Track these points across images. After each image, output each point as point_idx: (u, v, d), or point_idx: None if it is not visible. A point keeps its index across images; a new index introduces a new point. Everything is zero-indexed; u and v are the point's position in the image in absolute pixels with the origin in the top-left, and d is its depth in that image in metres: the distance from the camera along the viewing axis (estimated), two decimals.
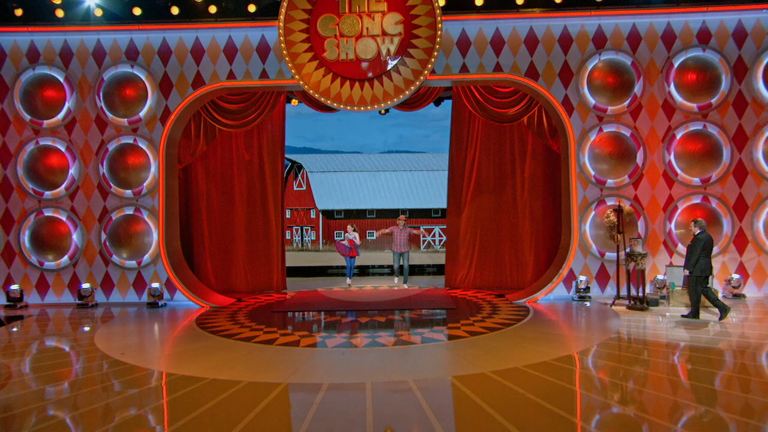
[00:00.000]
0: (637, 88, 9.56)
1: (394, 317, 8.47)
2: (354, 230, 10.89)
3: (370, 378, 5.44)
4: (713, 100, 9.52)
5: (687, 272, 7.85)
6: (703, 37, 9.56)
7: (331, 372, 5.77)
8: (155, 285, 9.64)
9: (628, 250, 8.83)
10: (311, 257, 23.72)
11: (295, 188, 40.84)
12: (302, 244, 39.42)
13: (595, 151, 9.61)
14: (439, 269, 14.61)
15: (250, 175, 11.08)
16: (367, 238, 36.41)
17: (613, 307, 8.75)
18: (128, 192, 9.91)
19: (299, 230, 40.95)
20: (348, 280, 10.91)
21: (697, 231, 7.95)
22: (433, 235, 35.19)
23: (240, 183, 11.06)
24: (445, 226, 36.58)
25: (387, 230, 10.78)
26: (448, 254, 11.27)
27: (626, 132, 9.60)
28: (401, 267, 10.78)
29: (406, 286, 10.76)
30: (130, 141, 9.90)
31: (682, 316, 7.96)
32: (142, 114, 9.88)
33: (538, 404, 4.63)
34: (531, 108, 10.42)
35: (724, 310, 7.67)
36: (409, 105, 10.38)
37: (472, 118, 10.81)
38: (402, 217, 11.02)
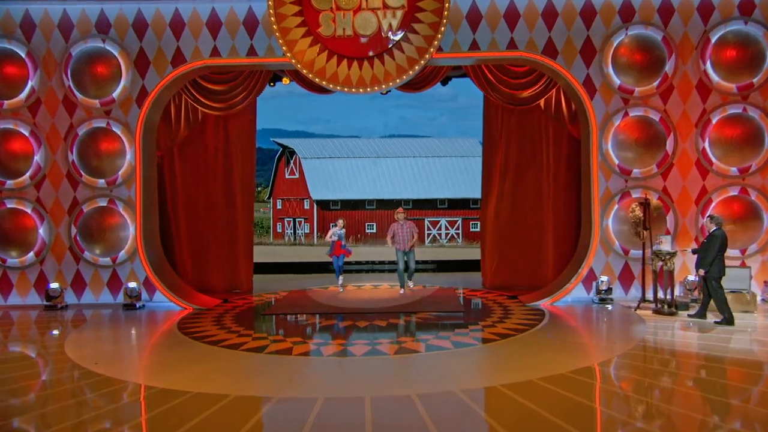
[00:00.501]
0: (668, 67, 9.50)
1: (395, 321, 8.51)
2: (340, 229, 10.86)
3: (370, 392, 5.47)
4: (755, 80, 9.46)
5: (702, 272, 7.92)
6: (746, 7, 9.47)
7: (327, 384, 5.80)
8: (132, 284, 9.67)
9: (655, 247, 8.84)
10: (305, 252, 23.82)
11: (286, 176, 40.72)
12: (294, 238, 39.36)
13: (620, 137, 9.57)
14: (440, 266, 14.69)
15: (215, 163, 11.01)
16: (366, 231, 36.46)
17: (638, 312, 8.76)
18: (101, 181, 9.89)
19: (291, 222, 40.92)
20: (339, 281, 11.07)
21: (713, 227, 8.01)
22: (439, 228, 35.15)
23: (206, 172, 11.01)
24: (452, 219, 36.49)
25: (389, 236, 10.66)
26: (481, 251, 11.30)
27: (655, 116, 9.56)
28: (407, 267, 10.72)
29: (411, 284, 10.84)
30: (103, 125, 9.87)
31: (715, 322, 8.00)
32: (115, 94, 9.84)
33: (554, 423, 4.66)
34: (548, 89, 10.36)
35: (702, 316, 8.08)
36: (413, 86, 10.32)
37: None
38: (400, 209, 10.95)
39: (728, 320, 7.87)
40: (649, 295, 9.15)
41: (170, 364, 6.51)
